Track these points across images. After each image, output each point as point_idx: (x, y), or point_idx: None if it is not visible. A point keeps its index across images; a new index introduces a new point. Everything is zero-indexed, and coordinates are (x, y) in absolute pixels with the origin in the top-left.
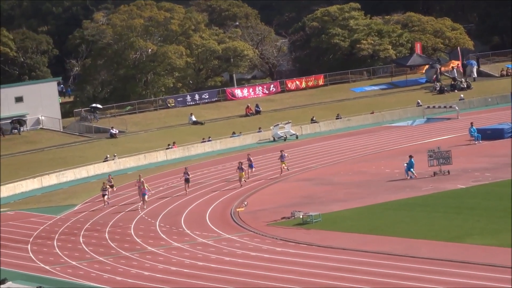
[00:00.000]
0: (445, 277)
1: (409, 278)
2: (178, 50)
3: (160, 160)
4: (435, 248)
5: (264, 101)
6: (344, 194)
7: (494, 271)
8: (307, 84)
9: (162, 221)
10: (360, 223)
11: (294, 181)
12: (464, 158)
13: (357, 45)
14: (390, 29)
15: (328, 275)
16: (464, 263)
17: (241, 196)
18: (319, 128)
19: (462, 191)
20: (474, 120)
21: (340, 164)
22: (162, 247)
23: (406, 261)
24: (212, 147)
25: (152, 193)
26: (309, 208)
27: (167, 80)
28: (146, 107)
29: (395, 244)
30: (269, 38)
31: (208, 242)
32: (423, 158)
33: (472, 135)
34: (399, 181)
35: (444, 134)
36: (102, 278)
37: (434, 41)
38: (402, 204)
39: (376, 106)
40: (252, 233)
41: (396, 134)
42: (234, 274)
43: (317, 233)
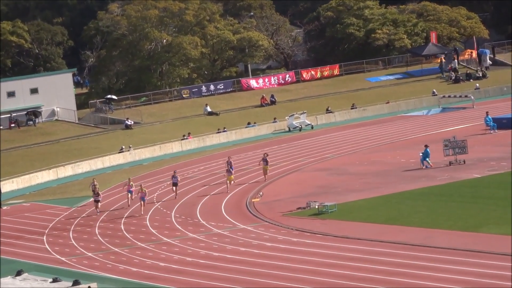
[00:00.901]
0: (462, 267)
1: (426, 268)
2: (193, 41)
3: (175, 151)
4: (452, 237)
5: (279, 92)
6: (360, 184)
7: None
8: (322, 74)
9: (177, 212)
10: (376, 213)
11: (310, 171)
12: (479, 148)
13: (372, 35)
14: (405, 19)
15: (344, 265)
16: (480, 252)
17: (257, 186)
18: (334, 118)
19: (478, 181)
20: (490, 109)
21: (356, 154)
22: (177, 238)
23: (423, 251)
24: (227, 137)
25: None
26: (325, 198)
27: (182, 70)
28: (161, 98)
29: (412, 234)
30: (284, 28)
31: (223, 233)
32: (439, 148)
33: (488, 124)
34: (414, 170)
35: (459, 123)
36: (118, 269)
37: (449, 30)
38: (418, 194)
39: (391, 96)
40: (267, 223)
41: (411, 124)
42: (250, 265)
43: (333, 223)
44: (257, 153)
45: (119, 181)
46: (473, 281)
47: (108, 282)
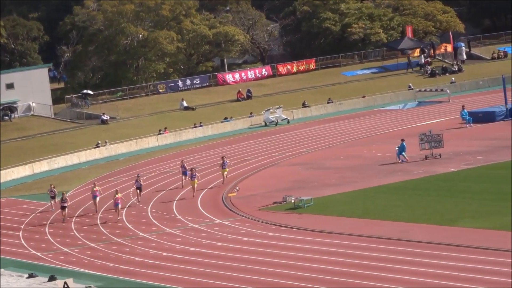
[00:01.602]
0: (438, 260)
1: (402, 261)
2: (169, 36)
3: (151, 146)
4: (428, 231)
5: (255, 86)
6: (336, 178)
7: (487, 254)
8: (298, 68)
9: (153, 207)
10: (353, 207)
11: (286, 165)
12: (455, 141)
13: (348, 29)
14: (381, 13)
15: (321, 259)
16: (456, 246)
17: (233, 181)
18: (311, 113)
19: (454, 174)
20: (466, 103)
21: (332, 148)
22: (153, 233)
23: (399, 245)
24: (203, 132)
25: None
26: (301, 193)
27: (158, 65)
28: (137, 93)
29: (388, 228)
30: (260, 23)
31: (200, 228)
32: (415, 142)
33: (464, 118)
34: (391, 164)
35: (435, 117)
36: (94, 264)
37: (425, 24)
38: (394, 188)
39: (367, 90)
40: (244, 218)
41: (387, 118)
42: (226, 259)
43: (309, 218)
44: (233, 148)
45: (95, 176)
46: (450, 275)
47: (85, 277)
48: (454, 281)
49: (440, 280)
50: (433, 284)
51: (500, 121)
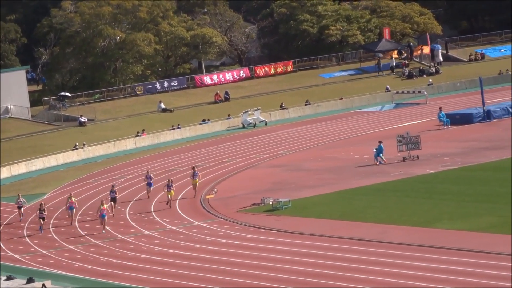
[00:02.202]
0: (416, 262)
1: (380, 263)
2: (146, 38)
3: (129, 148)
4: (406, 233)
5: (233, 88)
6: (314, 180)
7: (464, 256)
8: (276, 70)
9: (132, 209)
10: (331, 209)
11: (264, 167)
12: (433, 143)
13: (326, 31)
14: (359, 15)
15: (299, 261)
16: (434, 248)
17: (211, 183)
18: (288, 115)
19: (432, 176)
20: (443, 105)
21: (310, 150)
22: (132, 235)
23: (377, 247)
24: (181, 134)
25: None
26: (279, 195)
27: (135, 67)
28: (115, 95)
29: (366, 230)
30: (237, 25)
31: (178, 230)
32: (392, 144)
33: (441, 120)
34: (368, 166)
35: (413, 119)
36: (72, 266)
37: (403, 26)
38: (372, 190)
39: (345, 92)
40: (222, 220)
41: (365, 120)
42: (204, 262)
43: (287, 219)
44: (210, 150)
45: (73, 178)
46: (427, 276)
47: (63, 279)
48: (431, 283)
49: (417, 281)
50: (409, 286)
51: (477, 123)
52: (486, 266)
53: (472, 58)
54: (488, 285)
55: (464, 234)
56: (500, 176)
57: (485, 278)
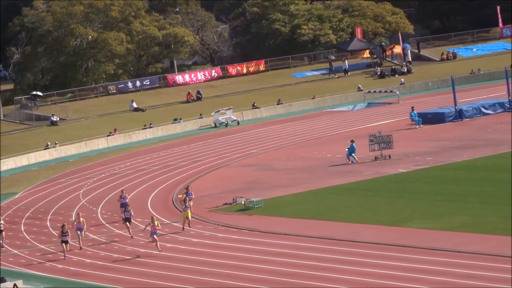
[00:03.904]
0: (388, 261)
1: (352, 262)
2: (118, 37)
3: (101, 147)
4: (378, 232)
5: (205, 87)
6: (286, 180)
7: (436, 255)
8: (248, 69)
9: (103, 208)
10: (303, 208)
11: (236, 167)
12: (405, 143)
13: (298, 30)
14: (331, 14)
15: (270, 261)
16: (406, 247)
17: (183, 182)
18: (261, 114)
19: (404, 175)
20: (415, 104)
21: (282, 149)
22: (104, 235)
23: (349, 246)
24: (153, 133)
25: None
26: (251, 194)
27: (107, 67)
28: (87, 94)
29: (338, 229)
30: (209, 24)
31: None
32: (364, 143)
33: (413, 119)
34: (340, 166)
35: (385, 118)
36: (43, 266)
37: (375, 25)
38: (345, 189)
39: (317, 91)
40: (194, 219)
41: (337, 119)
42: (176, 261)
43: (259, 219)
44: (183, 149)
45: (44, 178)
46: (399, 276)
47: (34, 279)
48: (403, 282)
49: (389, 280)
50: (382, 285)
51: (449, 122)
52: (458, 265)
53: (444, 58)
54: (461, 284)
55: (436, 233)
56: (472, 175)
57: (458, 277)
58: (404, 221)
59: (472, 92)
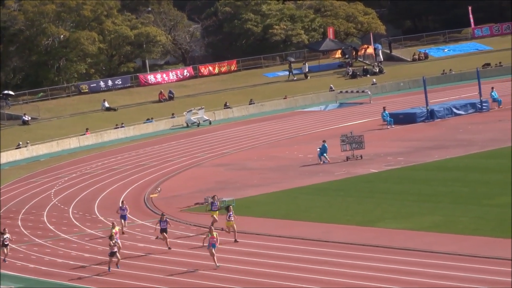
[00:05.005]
0: (359, 261)
1: (322, 262)
2: (90, 36)
3: (73, 147)
4: (349, 232)
5: (177, 87)
6: (258, 179)
7: (408, 255)
8: (220, 69)
9: (75, 208)
10: (274, 208)
11: (208, 166)
12: (376, 143)
13: (270, 30)
14: (303, 14)
15: (242, 260)
16: (377, 247)
17: (155, 182)
18: (232, 114)
19: (375, 176)
20: (387, 105)
21: (254, 149)
22: (75, 234)
23: (320, 246)
24: (125, 133)
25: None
26: (223, 194)
27: (79, 66)
28: (59, 94)
29: (309, 229)
30: (181, 24)
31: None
32: (336, 143)
33: (385, 119)
34: (312, 166)
35: (356, 118)
36: (15, 265)
37: (347, 26)
38: (316, 189)
39: (289, 91)
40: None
41: (309, 119)
42: (147, 260)
43: None
44: (155, 149)
45: (16, 177)
46: (371, 276)
47: (6, 278)
48: (375, 282)
49: (360, 280)
50: (353, 285)
51: (420, 123)
52: (430, 265)
53: (415, 58)
54: (433, 284)
55: (407, 233)
56: (443, 175)
57: (429, 278)
58: (375, 221)
59: (443, 92)
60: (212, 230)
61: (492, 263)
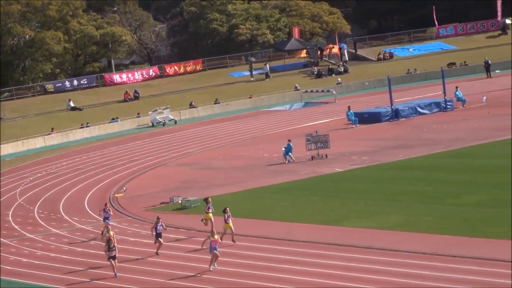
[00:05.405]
0: (323, 260)
1: (286, 261)
2: (56, 36)
3: (38, 147)
4: (314, 231)
5: (142, 87)
6: (223, 179)
7: (371, 253)
8: (186, 69)
9: (40, 207)
10: (239, 207)
11: (173, 166)
12: (341, 142)
13: (236, 30)
14: (268, 14)
15: (206, 259)
16: (342, 245)
17: (120, 182)
18: (198, 113)
19: (340, 175)
20: (352, 104)
21: (219, 148)
22: (40, 234)
23: (285, 245)
24: (91, 132)
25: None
26: (188, 193)
27: (45, 66)
28: (24, 93)
29: (274, 228)
30: (147, 23)
31: (86, 228)
32: (301, 142)
33: (350, 119)
34: (277, 165)
35: (322, 118)
36: None
37: (312, 25)
38: (281, 188)
39: (254, 91)
40: (131, 218)
41: (274, 119)
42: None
43: (196, 218)
44: (120, 148)
45: None
46: (334, 274)
47: None
48: (339, 280)
49: (324, 279)
50: (317, 284)
51: (385, 122)
52: (395, 264)
53: (380, 57)
54: (397, 282)
55: (371, 232)
56: (407, 174)
57: (394, 276)
58: (340, 220)
59: (408, 91)
60: (214, 233)
61: (456, 261)
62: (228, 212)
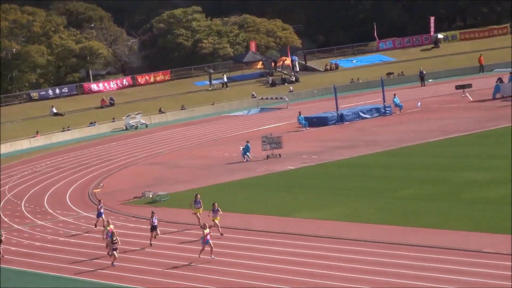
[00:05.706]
0: (277, 247)
1: (244, 248)
2: (40, 50)
3: (24, 148)
4: (269, 222)
5: (117, 95)
6: (189, 176)
7: (319, 241)
8: (155, 79)
9: (27, 202)
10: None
11: (145, 165)
12: (293, 143)
13: (199, 44)
14: (228, 30)
15: (174, 247)
16: (294, 234)
17: (98, 179)
18: (166, 118)
19: (292, 172)
20: (302, 110)
21: (185, 149)
22: (27, 225)
23: (243, 234)
24: (71, 135)
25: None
26: (158, 189)
27: (30, 76)
28: (12, 101)
29: (234, 219)
30: (121, 38)
31: (68, 220)
32: (258, 143)
33: (300, 122)
34: (237, 163)
35: (276, 122)
36: None
37: (267, 40)
38: (240, 184)
39: (216, 98)
40: (107, 211)
41: (234, 123)
42: (92, 248)
43: (165, 211)
44: (97, 149)
45: None
46: (286, 259)
47: None
48: (292, 265)
49: (277, 264)
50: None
51: (332, 125)
52: (339, 250)
53: (327, 68)
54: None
55: (319, 222)
56: (352, 171)
57: (337, 261)
58: (292, 212)
59: (352, 98)
60: (206, 226)
61: (394, 248)
62: (217, 207)
